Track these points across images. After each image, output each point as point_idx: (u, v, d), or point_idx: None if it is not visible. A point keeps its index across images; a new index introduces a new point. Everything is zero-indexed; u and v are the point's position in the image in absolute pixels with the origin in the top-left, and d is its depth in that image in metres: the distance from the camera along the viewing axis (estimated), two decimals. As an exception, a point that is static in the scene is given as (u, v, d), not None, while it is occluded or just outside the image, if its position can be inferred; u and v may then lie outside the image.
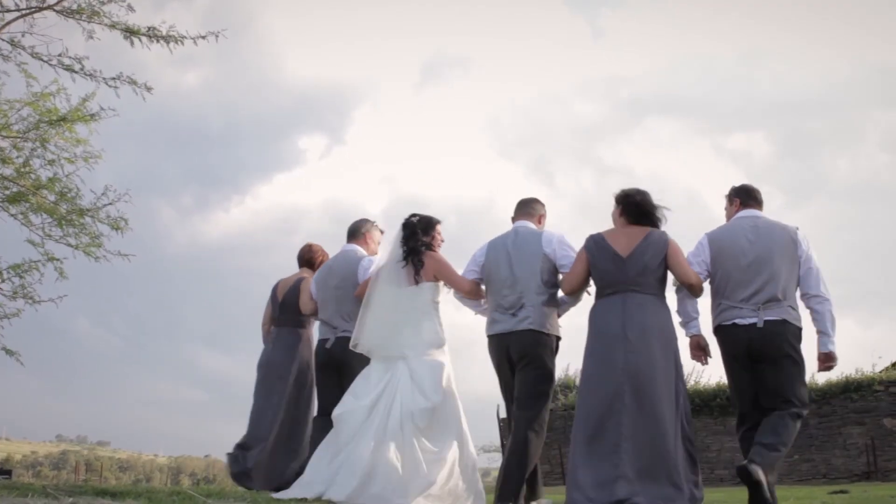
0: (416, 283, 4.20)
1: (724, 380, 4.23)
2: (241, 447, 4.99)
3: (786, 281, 3.85)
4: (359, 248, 4.84)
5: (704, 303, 4.08)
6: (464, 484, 3.88)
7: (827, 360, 3.90)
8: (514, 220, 4.38)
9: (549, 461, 14.24)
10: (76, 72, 6.05)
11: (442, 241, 4.47)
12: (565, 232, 4.45)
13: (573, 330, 4.40)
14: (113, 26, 6.00)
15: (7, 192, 6.64)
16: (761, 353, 3.80)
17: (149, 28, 5.99)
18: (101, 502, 3.09)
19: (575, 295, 4.15)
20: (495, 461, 17.62)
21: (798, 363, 3.83)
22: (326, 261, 5.10)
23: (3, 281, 6.80)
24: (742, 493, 4.05)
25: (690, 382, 14.54)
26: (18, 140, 6.54)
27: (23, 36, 6.04)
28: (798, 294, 3.94)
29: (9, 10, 5.90)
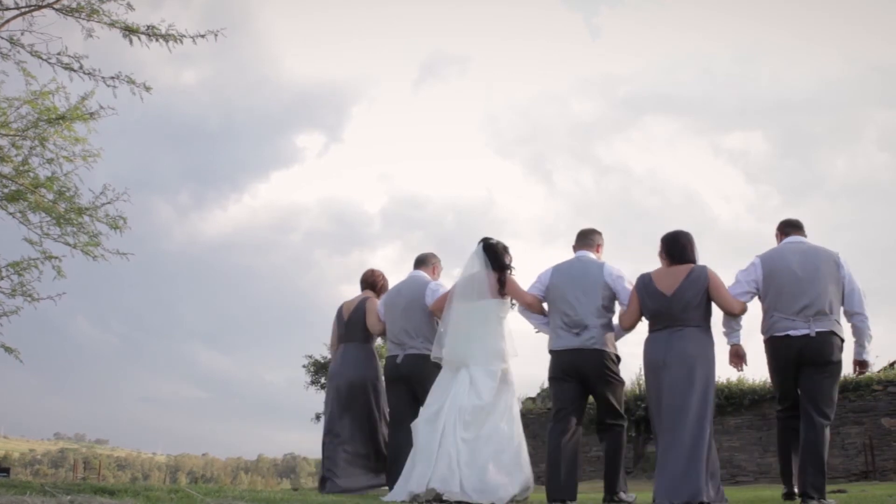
0: (502, 296, 4.79)
1: (723, 379, 4.80)
2: (327, 465, 5.42)
3: (831, 297, 4.35)
4: (424, 274, 5.41)
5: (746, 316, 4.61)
6: (506, 459, 4.43)
7: (861, 367, 4.53)
8: (575, 248, 4.91)
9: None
10: (75, 70, 6.04)
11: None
12: (564, 232, 4.87)
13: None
14: (112, 25, 5.99)
15: (5, 191, 6.64)
16: (810, 359, 4.31)
17: (148, 27, 5.98)
18: (99, 500, 3.09)
19: (629, 329, 4.70)
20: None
21: (839, 370, 4.40)
22: (385, 283, 5.77)
23: (1, 279, 6.80)
24: (740, 493, 4.21)
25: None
26: (17, 138, 6.53)
27: (22, 34, 6.03)
28: (842, 310, 4.46)
29: (8, 8, 5.89)
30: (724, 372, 4.81)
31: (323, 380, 21.41)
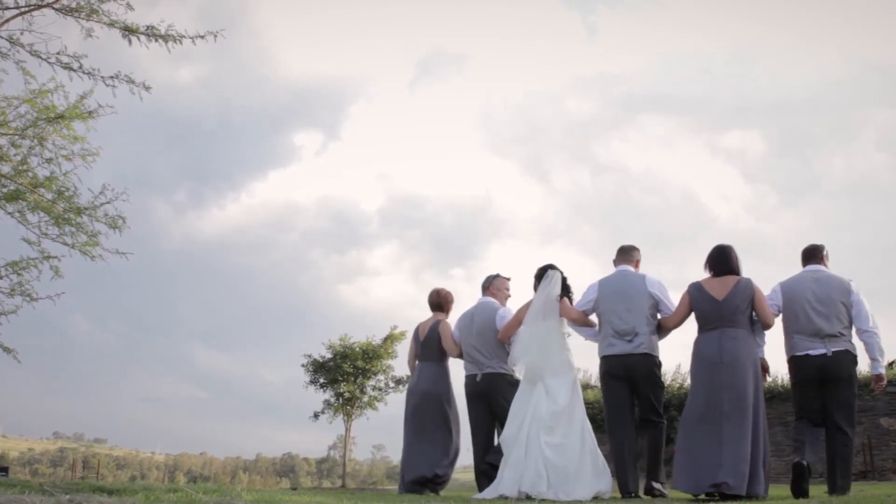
0: (560, 316, 5.40)
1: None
2: (411, 469, 6.00)
3: (842, 319, 4.91)
4: (494, 301, 6.04)
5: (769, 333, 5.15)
6: (589, 464, 5.01)
7: (878, 381, 5.04)
8: (616, 263, 5.47)
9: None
10: (74, 70, 6.04)
11: None
12: (563, 232, 5.06)
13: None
14: (111, 25, 5.99)
15: (4, 190, 6.64)
16: (829, 376, 4.88)
17: (147, 27, 5.99)
18: (97, 500, 3.09)
19: (671, 330, 5.23)
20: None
21: (854, 383, 4.95)
22: (452, 301, 6.38)
23: (0, 278, 6.80)
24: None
25: (688, 381, 14.65)
26: (16, 137, 6.54)
27: (21, 34, 6.05)
28: (853, 329, 4.98)
29: (8, 8, 5.90)
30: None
31: (322, 379, 21.44)
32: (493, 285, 6.13)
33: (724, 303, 4.88)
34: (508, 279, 6.19)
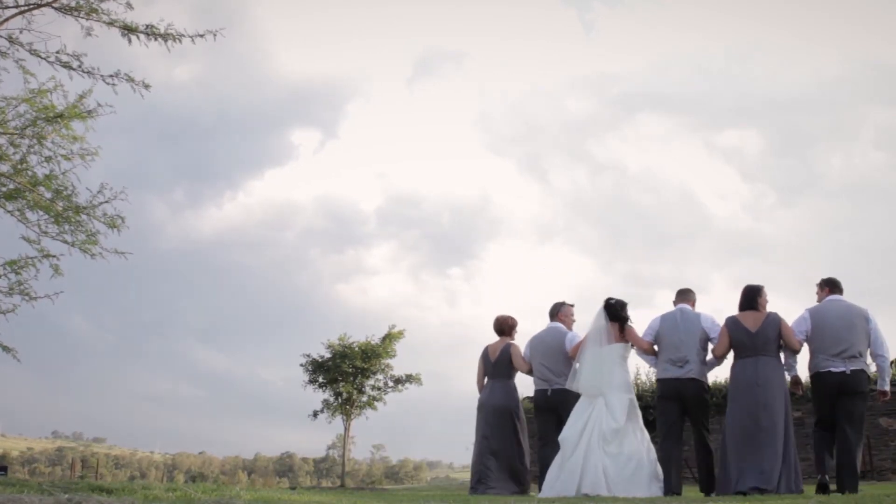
0: (622, 341, 6.28)
1: (719, 380, 5.97)
2: (481, 469, 6.86)
3: (861, 344, 5.75)
4: (561, 326, 6.92)
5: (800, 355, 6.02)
6: (645, 472, 5.80)
7: (883, 395, 6.03)
8: (675, 303, 6.44)
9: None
10: (74, 69, 6.04)
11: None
12: (561, 230, 5.31)
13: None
14: (111, 23, 5.99)
15: (3, 189, 6.64)
16: (847, 390, 5.67)
17: (147, 26, 5.99)
18: (96, 499, 3.10)
19: (721, 358, 6.12)
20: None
21: (867, 398, 5.78)
22: (515, 324, 7.23)
23: (-1, 277, 6.79)
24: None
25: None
26: (15, 137, 6.53)
27: (21, 32, 6.04)
28: (869, 351, 5.82)
29: (7, 7, 5.90)
30: (724, 372, 6.37)
31: (321, 378, 21.46)
32: (561, 312, 6.98)
33: (757, 334, 5.81)
34: (573, 306, 7.06)
